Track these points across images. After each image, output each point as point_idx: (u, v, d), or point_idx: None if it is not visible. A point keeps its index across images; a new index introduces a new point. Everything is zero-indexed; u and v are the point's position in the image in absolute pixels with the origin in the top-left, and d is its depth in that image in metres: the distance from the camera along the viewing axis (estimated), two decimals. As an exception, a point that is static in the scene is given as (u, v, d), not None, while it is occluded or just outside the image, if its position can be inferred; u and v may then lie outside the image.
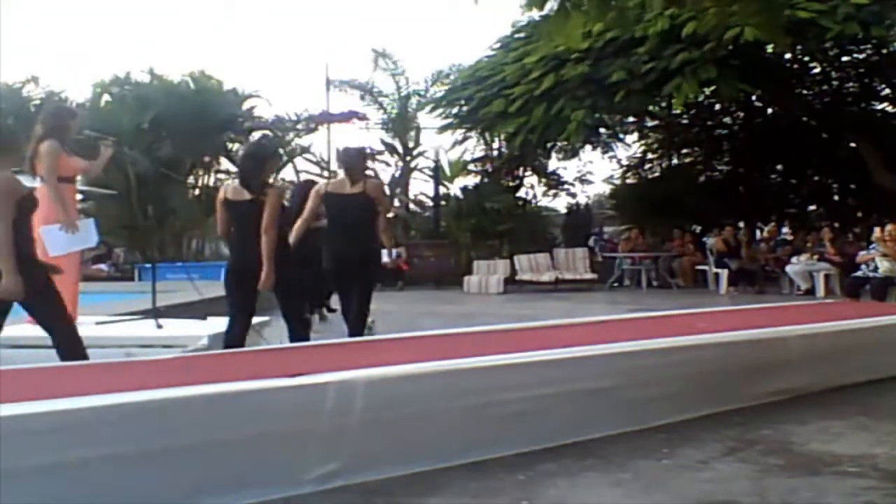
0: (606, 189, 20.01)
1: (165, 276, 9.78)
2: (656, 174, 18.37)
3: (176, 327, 5.22)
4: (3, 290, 3.59)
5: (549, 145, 15.38)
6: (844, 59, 14.13)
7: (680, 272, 13.89)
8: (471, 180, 17.39)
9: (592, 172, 19.26)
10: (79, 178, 5.66)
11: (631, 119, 16.20)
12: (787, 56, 13.43)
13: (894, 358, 4.86)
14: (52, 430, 2.48)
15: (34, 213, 5.15)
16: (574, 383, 3.48)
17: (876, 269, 9.05)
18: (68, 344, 3.83)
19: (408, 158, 18.68)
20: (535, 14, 9.42)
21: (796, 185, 17.38)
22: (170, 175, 13.32)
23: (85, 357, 3.82)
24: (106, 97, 17.26)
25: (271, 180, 4.66)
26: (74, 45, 34.40)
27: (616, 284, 13.77)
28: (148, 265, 12.41)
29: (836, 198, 17.30)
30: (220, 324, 5.29)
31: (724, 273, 12.28)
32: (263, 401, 2.84)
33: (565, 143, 14.07)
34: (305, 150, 19.48)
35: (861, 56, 13.74)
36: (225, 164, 19.61)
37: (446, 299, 11.43)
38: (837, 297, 10.33)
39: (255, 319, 5.79)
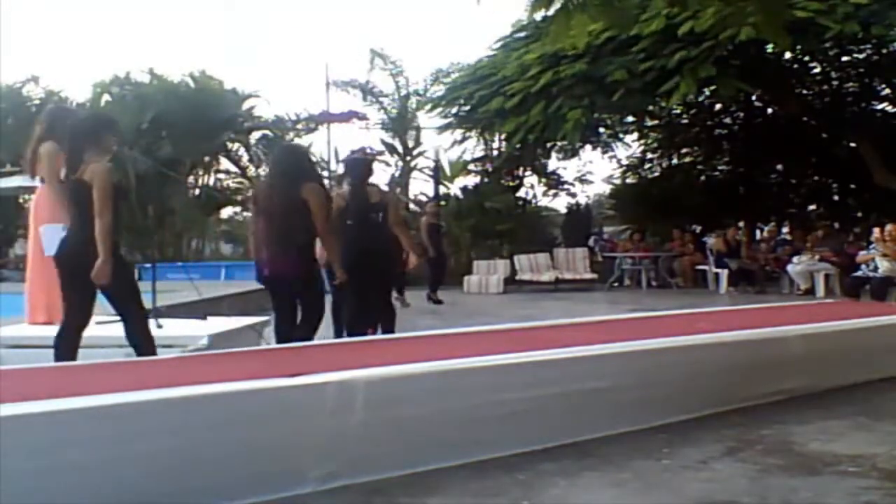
0: (606, 189, 20.05)
1: (165, 276, 9.77)
2: (656, 174, 18.37)
3: (176, 327, 5.21)
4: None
5: (548, 145, 15.39)
6: (844, 58, 14.13)
7: (680, 272, 13.89)
8: (471, 180, 17.43)
9: (592, 172, 19.31)
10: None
11: (630, 119, 16.20)
12: (787, 56, 13.43)
13: (894, 358, 4.86)
14: (52, 430, 2.48)
15: (36, 214, 5.18)
16: (574, 383, 3.47)
17: (876, 269, 9.07)
18: None
19: (408, 158, 18.69)
20: (537, 15, 9.44)
21: (796, 185, 17.39)
22: (170, 175, 13.32)
23: None
24: (106, 97, 17.29)
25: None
26: (74, 45, 34.48)
27: (616, 284, 13.77)
28: (148, 265, 12.39)
29: (836, 198, 17.30)
30: (220, 324, 5.31)
31: (724, 273, 12.28)
32: (263, 401, 2.84)
33: (564, 142, 14.08)
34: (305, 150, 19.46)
35: (861, 56, 13.74)
36: (225, 163, 19.62)
37: (446, 299, 11.42)
38: (837, 297, 10.33)
39: (255, 319, 5.81)
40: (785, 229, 16.07)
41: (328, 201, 4.55)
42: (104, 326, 5.27)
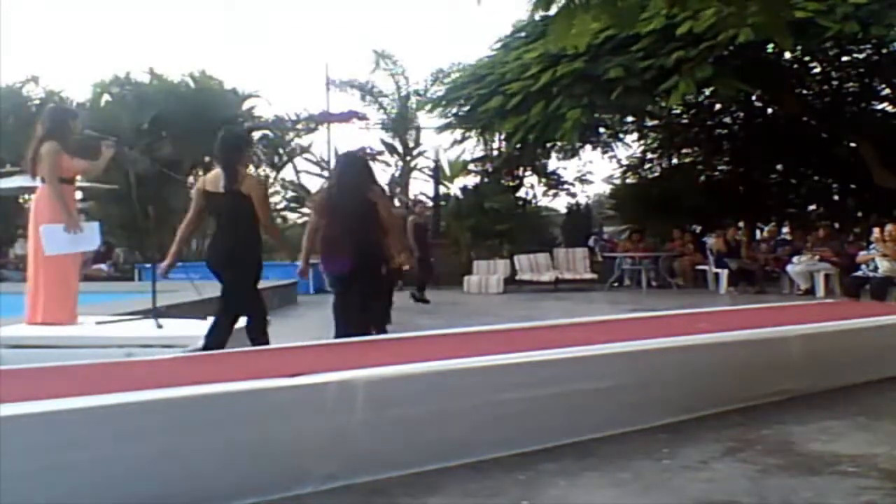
0: (606, 189, 20.05)
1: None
2: (656, 174, 18.37)
3: (176, 327, 5.22)
4: None
5: (548, 145, 15.39)
6: (844, 59, 14.13)
7: (680, 272, 13.89)
8: (471, 180, 17.44)
9: (592, 172, 19.30)
10: (79, 177, 5.66)
11: (630, 119, 16.21)
12: (787, 56, 13.43)
13: (894, 358, 4.86)
14: (52, 430, 2.48)
15: (36, 214, 5.19)
16: (574, 383, 3.48)
17: (876, 269, 9.07)
18: None
19: (408, 158, 18.70)
20: (537, 15, 9.45)
21: (796, 185, 17.39)
22: (170, 175, 13.31)
23: None
24: (106, 97, 17.27)
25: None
26: (74, 45, 34.47)
27: (616, 284, 13.77)
28: (148, 265, 12.40)
29: (836, 198, 17.30)
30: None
31: (724, 273, 12.28)
32: (263, 401, 2.84)
33: (564, 142, 14.09)
34: (305, 149, 19.48)
35: (861, 56, 13.74)
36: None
37: (446, 299, 11.42)
38: (837, 297, 10.33)
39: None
40: (785, 229, 16.07)
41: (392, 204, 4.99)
42: (104, 326, 5.28)
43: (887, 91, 14.71)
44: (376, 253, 4.80)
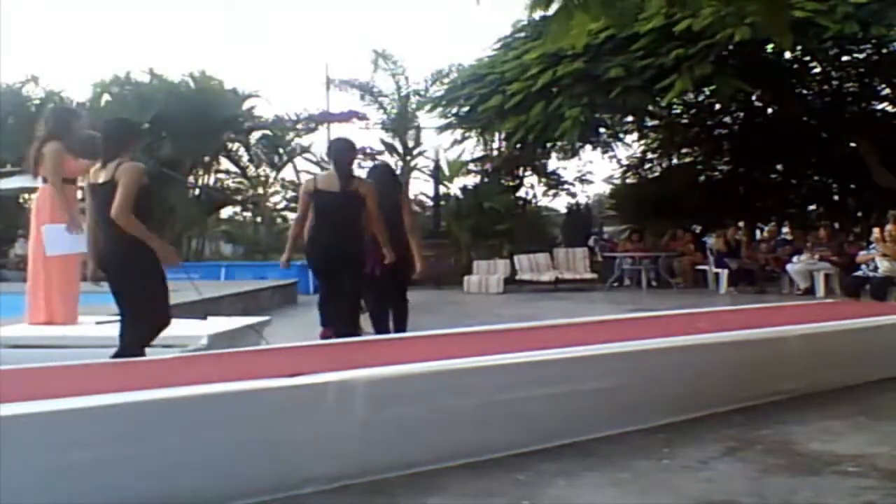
0: (606, 189, 20.05)
1: (165, 275, 9.75)
2: (656, 174, 18.36)
3: (176, 327, 5.20)
4: None
5: (548, 145, 15.39)
6: (844, 58, 14.11)
7: (680, 272, 13.89)
8: (470, 180, 17.43)
9: (592, 172, 19.30)
10: (80, 177, 5.67)
11: (630, 118, 16.21)
12: (787, 55, 13.42)
13: (894, 358, 4.86)
14: (52, 430, 2.48)
15: (38, 214, 5.19)
16: (574, 383, 3.48)
17: (876, 269, 9.06)
18: None
19: (408, 158, 18.69)
20: (537, 15, 9.44)
21: (796, 185, 17.38)
22: (170, 175, 13.32)
23: None
24: (106, 97, 17.27)
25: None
26: (74, 45, 34.47)
27: (616, 284, 13.77)
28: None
29: (836, 198, 17.30)
30: (220, 324, 5.30)
31: (724, 273, 12.28)
32: (263, 401, 2.84)
33: (563, 142, 14.08)
34: (305, 149, 19.48)
35: (861, 56, 13.73)
36: (225, 163, 19.62)
37: (446, 299, 11.43)
38: (837, 296, 10.33)
39: (255, 319, 5.82)
40: (785, 229, 16.07)
41: None
42: (104, 326, 5.28)
43: (887, 91, 14.68)
44: (408, 253, 5.34)
